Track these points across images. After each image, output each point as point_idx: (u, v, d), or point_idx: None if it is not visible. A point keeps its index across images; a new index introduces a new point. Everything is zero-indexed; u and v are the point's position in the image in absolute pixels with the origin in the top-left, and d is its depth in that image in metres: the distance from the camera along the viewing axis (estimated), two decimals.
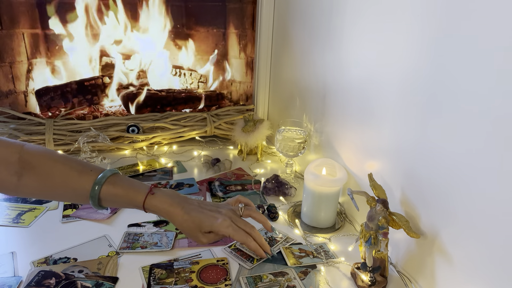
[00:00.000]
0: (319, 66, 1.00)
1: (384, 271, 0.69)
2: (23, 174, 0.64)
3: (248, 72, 1.46)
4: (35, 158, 0.65)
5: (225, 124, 1.30)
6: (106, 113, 1.33)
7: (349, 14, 0.84)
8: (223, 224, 0.67)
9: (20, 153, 0.64)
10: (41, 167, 0.65)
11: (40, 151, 0.67)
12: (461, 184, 0.56)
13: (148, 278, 0.67)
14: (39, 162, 0.65)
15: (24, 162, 0.64)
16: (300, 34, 1.09)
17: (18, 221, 0.83)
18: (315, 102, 1.03)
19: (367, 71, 0.78)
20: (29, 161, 0.64)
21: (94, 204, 0.67)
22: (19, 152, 0.64)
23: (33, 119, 1.15)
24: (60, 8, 1.29)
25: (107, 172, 0.67)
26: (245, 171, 1.14)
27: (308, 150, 1.09)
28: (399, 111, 0.69)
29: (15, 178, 0.63)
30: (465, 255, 0.57)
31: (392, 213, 0.65)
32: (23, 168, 0.64)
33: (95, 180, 0.65)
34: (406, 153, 0.68)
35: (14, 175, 0.63)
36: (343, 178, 0.83)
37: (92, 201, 0.66)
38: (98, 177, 0.66)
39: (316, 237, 0.82)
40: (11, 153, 0.64)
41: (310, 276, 0.70)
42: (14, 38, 1.23)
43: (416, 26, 0.63)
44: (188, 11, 1.42)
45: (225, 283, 0.66)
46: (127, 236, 0.79)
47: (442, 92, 0.58)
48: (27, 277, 0.66)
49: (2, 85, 1.23)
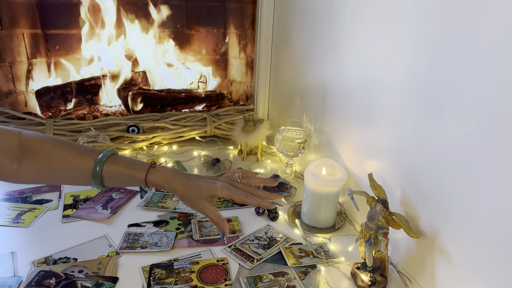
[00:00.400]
0: (319, 66, 1.00)
1: (384, 271, 0.69)
2: (23, 160, 0.64)
3: (248, 72, 1.46)
4: (35, 143, 0.65)
5: (225, 124, 1.30)
6: (106, 113, 1.33)
7: (349, 14, 0.84)
8: (222, 186, 0.68)
9: (19, 139, 0.65)
10: (41, 152, 0.65)
11: (38, 136, 0.67)
12: (461, 184, 0.56)
13: (148, 278, 0.67)
14: (39, 147, 0.65)
15: (24, 148, 0.64)
16: (300, 34, 1.09)
17: (18, 221, 0.83)
18: (315, 102, 1.03)
19: (367, 71, 0.78)
20: (28, 147, 0.65)
21: (97, 183, 0.67)
22: (18, 138, 0.65)
23: (33, 119, 1.15)
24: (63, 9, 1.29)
25: (107, 151, 0.68)
26: None
27: (308, 150, 1.09)
28: (399, 111, 0.69)
29: (16, 164, 0.64)
30: (465, 255, 0.57)
31: (392, 213, 0.65)
32: (24, 154, 0.64)
33: (96, 160, 0.66)
34: (406, 153, 0.68)
35: (15, 161, 0.63)
36: (343, 178, 0.83)
37: (95, 181, 0.66)
38: (99, 157, 0.66)
39: (316, 237, 0.82)
40: (11, 140, 0.64)
41: (310, 276, 0.70)
42: (14, 38, 1.23)
43: (415, 26, 0.63)
44: (188, 11, 1.42)
45: (225, 283, 0.66)
46: (127, 236, 0.79)
47: (442, 92, 0.58)
48: (27, 277, 0.66)
49: (2, 85, 1.23)
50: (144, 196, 0.96)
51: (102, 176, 0.66)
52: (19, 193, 0.95)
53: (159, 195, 0.96)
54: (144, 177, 0.67)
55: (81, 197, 0.94)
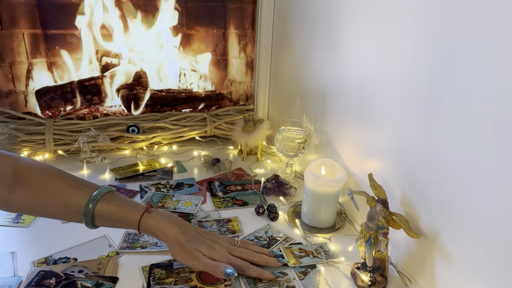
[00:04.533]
0: (319, 66, 1.00)
1: (384, 271, 0.69)
2: (15, 188, 0.62)
3: (248, 72, 1.46)
4: (30, 172, 0.63)
5: (225, 124, 1.30)
6: (106, 113, 1.33)
7: (349, 13, 0.84)
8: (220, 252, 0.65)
9: (15, 166, 0.63)
10: (35, 182, 0.63)
11: (35, 165, 0.65)
12: (462, 184, 0.56)
13: (148, 278, 0.67)
14: (33, 176, 0.63)
15: (17, 176, 0.62)
16: (300, 34, 1.09)
17: (18, 221, 0.83)
18: (315, 102, 1.03)
19: (367, 71, 0.78)
20: (23, 175, 0.62)
21: (87, 221, 0.64)
22: (14, 165, 0.63)
23: (33, 119, 1.15)
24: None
25: (103, 189, 0.65)
26: (245, 171, 1.14)
27: (308, 150, 1.09)
28: (399, 110, 0.69)
29: (6, 192, 0.61)
30: (465, 255, 0.57)
31: (392, 213, 0.65)
32: (16, 182, 0.62)
33: (90, 197, 0.64)
34: (406, 153, 0.68)
35: (5, 189, 0.61)
36: (343, 178, 0.83)
37: (85, 218, 0.64)
38: (94, 194, 0.64)
39: (316, 237, 0.82)
40: (6, 166, 0.62)
41: (309, 276, 0.70)
42: (14, 38, 1.23)
43: (415, 25, 0.63)
44: (188, 11, 1.42)
45: (224, 283, 0.66)
46: (127, 236, 0.79)
47: (442, 91, 0.58)
48: (27, 277, 0.66)
49: (2, 85, 1.23)
50: (144, 196, 0.96)
51: (94, 214, 0.64)
52: None
53: (159, 195, 0.96)
54: (138, 222, 0.64)
55: None
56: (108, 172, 1.08)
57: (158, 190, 0.99)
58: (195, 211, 0.89)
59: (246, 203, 0.95)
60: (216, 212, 0.91)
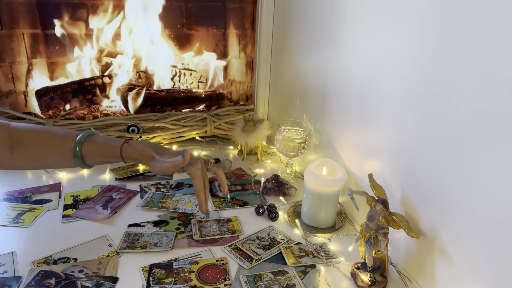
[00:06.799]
0: (319, 66, 1.00)
1: (384, 271, 0.69)
2: (14, 148, 0.71)
3: (248, 72, 1.46)
4: (21, 133, 0.72)
5: (225, 124, 1.30)
6: (106, 113, 1.33)
7: (349, 13, 0.83)
8: (196, 164, 0.73)
9: (9, 130, 0.72)
10: (27, 140, 0.72)
11: (25, 127, 0.74)
12: (461, 184, 0.56)
13: (147, 278, 0.67)
14: (25, 136, 0.72)
15: (13, 138, 0.71)
16: (300, 34, 1.09)
17: (18, 221, 0.83)
18: (315, 102, 1.03)
19: (367, 71, 0.78)
20: (16, 137, 0.72)
21: (79, 162, 0.73)
22: (8, 130, 0.72)
23: (33, 119, 1.15)
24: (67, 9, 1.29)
25: (85, 132, 0.74)
26: (245, 171, 1.14)
27: (308, 150, 1.09)
28: (399, 111, 0.69)
29: (8, 153, 0.71)
30: (465, 254, 0.57)
31: (392, 213, 0.65)
32: (13, 143, 0.71)
33: (75, 141, 0.73)
34: (406, 153, 0.68)
35: (7, 150, 0.71)
36: (343, 178, 0.83)
37: (77, 160, 0.73)
38: (78, 138, 0.73)
39: (316, 237, 0.82)
40: (1, 132, 0.71)
41: (309, 275, 0.70)
42: (14, 38, 1.23)
43: (416, 26, 0.63)
44: (188, 11, 1.42)
45: (224, 283, 0.66)
46: (127, 236, 0.79)
47: (442, 91, 0.58)
48: (27, 277, 0.66)
49: (2, 85, 1.23)
50: (144, 196, 0.96)
51: (82, 155, 0.73)
52: (19, 193, 0.95)
53: (159, 195, 0.96)
54: (120, 152, 0.73)
55: (81, 197, 0.94)
56: (108, 172, 1.08)
57: (158, 190, 0.99)
58: (195, 211, 0.89)
59: (246, 203, 0.95)
60: (216, 212, 0.91)
